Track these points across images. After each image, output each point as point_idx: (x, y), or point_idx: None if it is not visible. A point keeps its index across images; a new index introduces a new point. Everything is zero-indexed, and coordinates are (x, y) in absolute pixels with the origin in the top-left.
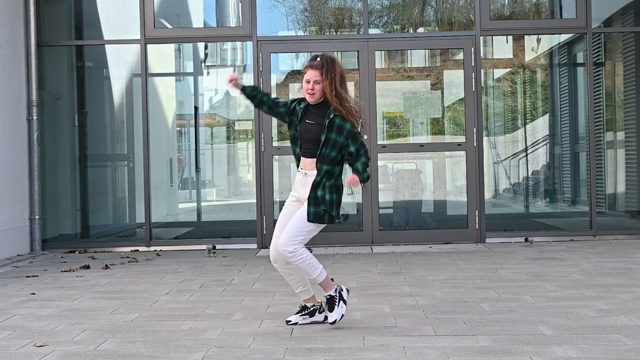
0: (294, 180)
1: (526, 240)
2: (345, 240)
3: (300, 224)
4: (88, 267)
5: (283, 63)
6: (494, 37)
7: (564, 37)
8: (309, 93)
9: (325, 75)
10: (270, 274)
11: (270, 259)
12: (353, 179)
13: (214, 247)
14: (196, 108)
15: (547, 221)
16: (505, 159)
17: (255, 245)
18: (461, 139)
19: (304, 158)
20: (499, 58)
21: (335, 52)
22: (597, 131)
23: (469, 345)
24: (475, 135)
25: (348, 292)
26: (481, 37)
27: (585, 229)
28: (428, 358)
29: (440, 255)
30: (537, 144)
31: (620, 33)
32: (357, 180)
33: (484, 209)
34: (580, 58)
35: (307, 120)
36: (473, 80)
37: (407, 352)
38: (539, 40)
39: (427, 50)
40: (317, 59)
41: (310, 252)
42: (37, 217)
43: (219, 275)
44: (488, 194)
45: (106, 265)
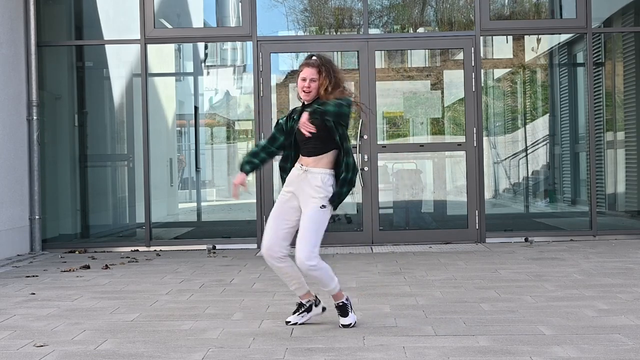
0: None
1: (526, 240)
2: (345, 240)
3: (313, 228)
4: (88, 267)
5: (283, 63)
6: (494, 37)
7: (564, 37)
8: (305, 91)
9: (325, 74)
10: (270, 274)
11: (266, 255)
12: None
13: (214, 247)
14: (196, 108)
15: (547, 221)
16: (505, 159)
17: (255, 245)
18: (461, 139)
19: (305, 157)
20: (499, 58)
21: (335, 52)
22: (597, 131)
23: (469, 345)
24: (475, 135)
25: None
26: (481, 37)
27: (585, 229)
28: (428, 358)
29: (440, 255)
30: (537, 144)
31: (620, 33)
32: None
33: (484, 209)
34: (580, 58)
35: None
36: (473, 80)
37: (407, 352)
38: (539, 40)
39: (427, 50)
40: (314, 58)
41: None
42: (37, 217)
43: (219, 275)
44: (488, 194)
45: (106, 265)
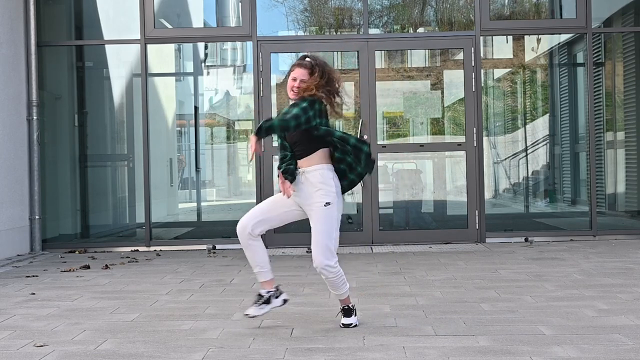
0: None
1: (526, 240)
2: (345, 240)
3: (322, 229)
4: (88, 267)
5: (283, 63)
6: (494, 37)
7: (564, 37)
8: (293, 90)
9: (318, 74)
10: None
11: (241, 231)
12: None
13: (214, 247)
14: (196, 108)
15: (547, 221)
16: (505, 159)
17: None
18: (461, 139)
19: (298, 160)
20: (499, 58)
21: (335, 52)
22: (597, 131)
23: (469, 345)
24: (475, 135)
25: None
26: (481, 37)
27: (585, 229)
28: (428, 358)
29: (440, 255)
30: (537, 144)
31: (620, 33)
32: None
33: (484, 209)
34: (580, 58)
35: None
36: (473, 80)
37: (407, 352)
38: (539, 40)
39: (427, 50)
40: (307, 59)
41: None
42: (37, 217)
43: (219, 275)
44: (488, 194)
45: (106, 265)
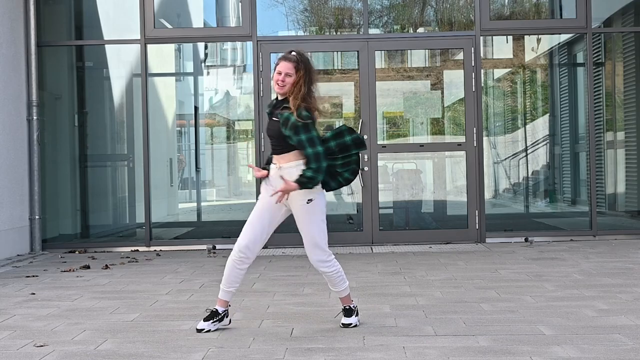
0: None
1: (526, 240)
2: (345, 240)
3: (310, 228)
4: (88, 267)
5: None
6: (494, 37)
7: (564, 37)
8: (279, 84)
9: (303, 72)
10: (270, 274)
11: (237, 255)
12: (279, 189)
13: (214, 247)
14: (196, 108)
15: (547, 221)
16: (505, 159)
17: None
18: (461, 139)
19: (274, 154)
20: (499, 58)
21: (335, 52)
22: (597, 131)
23: (469, 345)
24: (475, 135)
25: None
26: (481, 37)
27: (585, 229)
28: (428, 358)
29: (440, 255)
30: (537, 144)
31: (620, 33)
32: (280, 190)
33: (484, 209)
34: (580, 58)
35: (273, 118)
36: (473, 80)
37: (407, 352)
38: (539, 40)
39: (427, 50)
40: (292, 53)
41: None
42: (37, 217)
43: (219, 275)
44: (488, 194)
45: (106, 265)
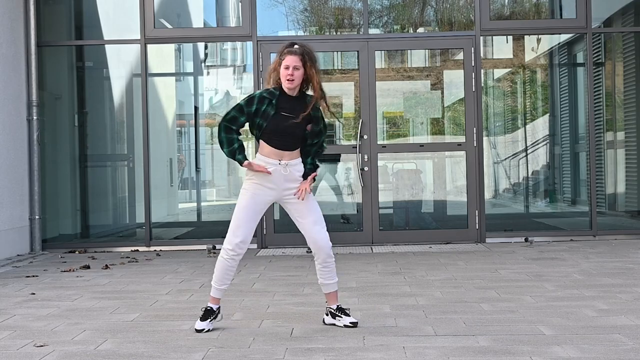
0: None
1: (526, 240)
2: (345, 240)
3: (320, 215)
4: (88, 267)
5: None
6: (494, 37)
7: (564, 37)
8: (288, 79)
9: (310, 63)
10: (270, 274)
11: (230, 253)
12: (306, 186)
13: (214, 247)
14: (196, 108)
15: (547, 221)
16: (505, 159)
17: (255, 245)
18: (461, 139)
19: (280, 150)
20: (499, 58)
21: (335, 52)
22: (597, 131)
23: (469, 345)
24: (475, 135)
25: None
26: (481, 37)
27: (585, 229)
28: (428, 358)
29: (440, 255)
30: (537, 144)
31: (620, 33)
32: (308, 185)
33: (484, 209)
34: (580, 58)
35: (283, 113)
36: (473, 80)
37: (407, 352)
38: (539, 40)
39: (427, 50)
40: (296, 46)
41: (309, 251)
42: (37, 217)
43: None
44: (488, 194)
45: (106, 265)
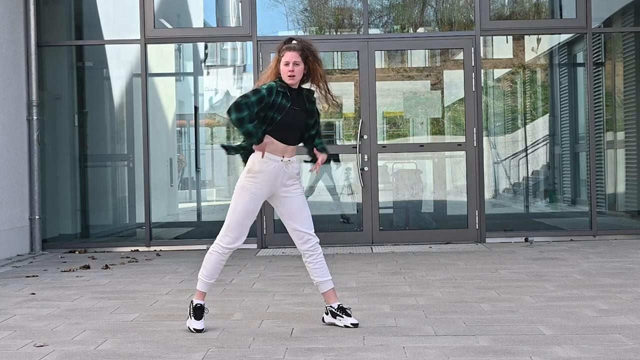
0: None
1: (526, 240)
2: (345, 240)
3: (308, 210)
4: (88, 267)
5: None
6: (494, 37)
7: (564, 37)
8: (290, 75)
9: (312, 57)
10: (270, 274)
11: (224, 250)
12: (322, 160)
13: None
14: (196, 108)
15: (547, 221)
16: (505, 159)
17: (255, 245)
18: (461, 139)
19: (286, 145)
20: (499, 58)
21: (335, 52)
22: (597, 131)
23: (469, 345)
24: (475, 135)
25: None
26: (481, 37)
27: (585, 229)
28: (428, 358)
29: (440, 255)
30: (537, 144)
31: (620, 33)
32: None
33: (484, 209)
34: (580, 58)
35: (294, 107)
36: (473, 80)
37: (407, 352)
38: (539, 40)
39: (427, 50)
40: (294, 42)
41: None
42: (37, 217)
43: (219, 275)
44: (488, 194)
45: (106, 265)
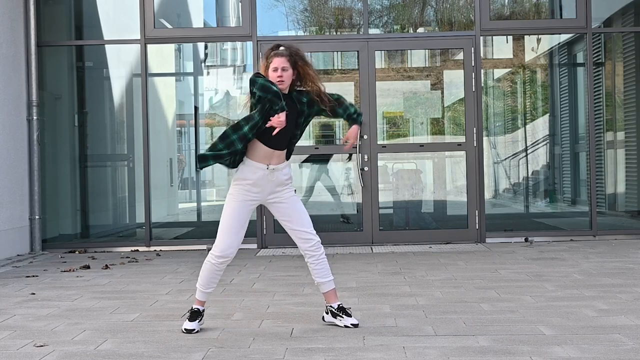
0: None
1: (526, 240)
2: (345, 240)
3: (304, 208)
4: (88, 267)
5: None
6: (494, 37)
7: (564, 37)
8: (279, 81)
9: (301, 62)
10: (270, 273)
11: (219, 260)
12: (355, 131)
13: None
14: (196, 108)
15: (547, 221)
16: (505, 159)
17: (255, 245)
18: (461, 139)
19: (274, 150)
20: (499, 58)
21: (335, 52)
22: (597, 131)
23: (469, 345)
24: (475, 135)
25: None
26: (481, 37)
27: (585, 229)
28: (428, 358)
29: (440, 255)
30: (537, 144)
31: (620, 33)
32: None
33: (484, 209)
34: (580, 58)
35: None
36: (473, 80)
37: (407, 352)
38: (539, 40)
39: (427, 50)
40: (281, 48)
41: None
42: (37, 217)
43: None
44: (488, 194)
45: (106, 265)
